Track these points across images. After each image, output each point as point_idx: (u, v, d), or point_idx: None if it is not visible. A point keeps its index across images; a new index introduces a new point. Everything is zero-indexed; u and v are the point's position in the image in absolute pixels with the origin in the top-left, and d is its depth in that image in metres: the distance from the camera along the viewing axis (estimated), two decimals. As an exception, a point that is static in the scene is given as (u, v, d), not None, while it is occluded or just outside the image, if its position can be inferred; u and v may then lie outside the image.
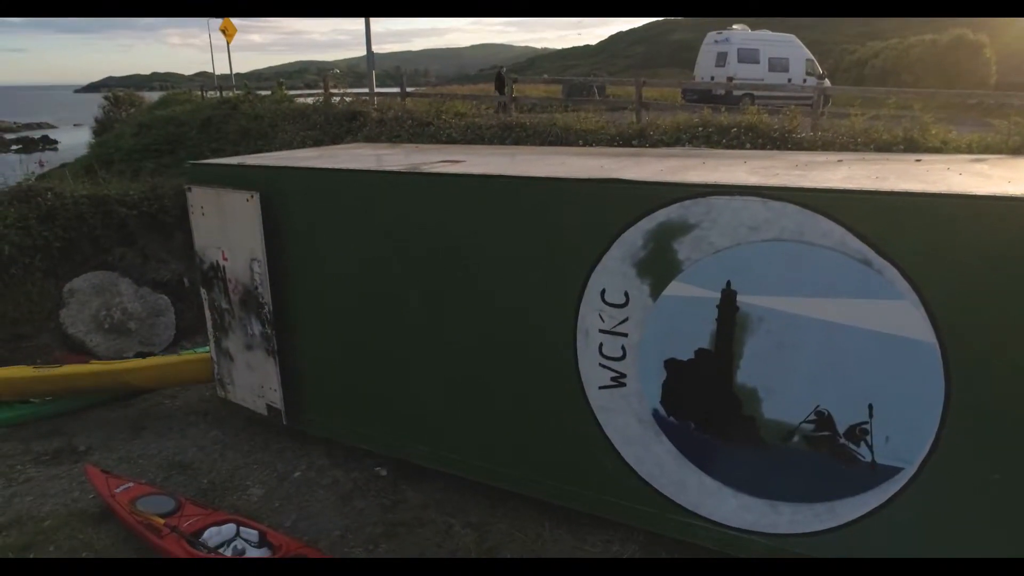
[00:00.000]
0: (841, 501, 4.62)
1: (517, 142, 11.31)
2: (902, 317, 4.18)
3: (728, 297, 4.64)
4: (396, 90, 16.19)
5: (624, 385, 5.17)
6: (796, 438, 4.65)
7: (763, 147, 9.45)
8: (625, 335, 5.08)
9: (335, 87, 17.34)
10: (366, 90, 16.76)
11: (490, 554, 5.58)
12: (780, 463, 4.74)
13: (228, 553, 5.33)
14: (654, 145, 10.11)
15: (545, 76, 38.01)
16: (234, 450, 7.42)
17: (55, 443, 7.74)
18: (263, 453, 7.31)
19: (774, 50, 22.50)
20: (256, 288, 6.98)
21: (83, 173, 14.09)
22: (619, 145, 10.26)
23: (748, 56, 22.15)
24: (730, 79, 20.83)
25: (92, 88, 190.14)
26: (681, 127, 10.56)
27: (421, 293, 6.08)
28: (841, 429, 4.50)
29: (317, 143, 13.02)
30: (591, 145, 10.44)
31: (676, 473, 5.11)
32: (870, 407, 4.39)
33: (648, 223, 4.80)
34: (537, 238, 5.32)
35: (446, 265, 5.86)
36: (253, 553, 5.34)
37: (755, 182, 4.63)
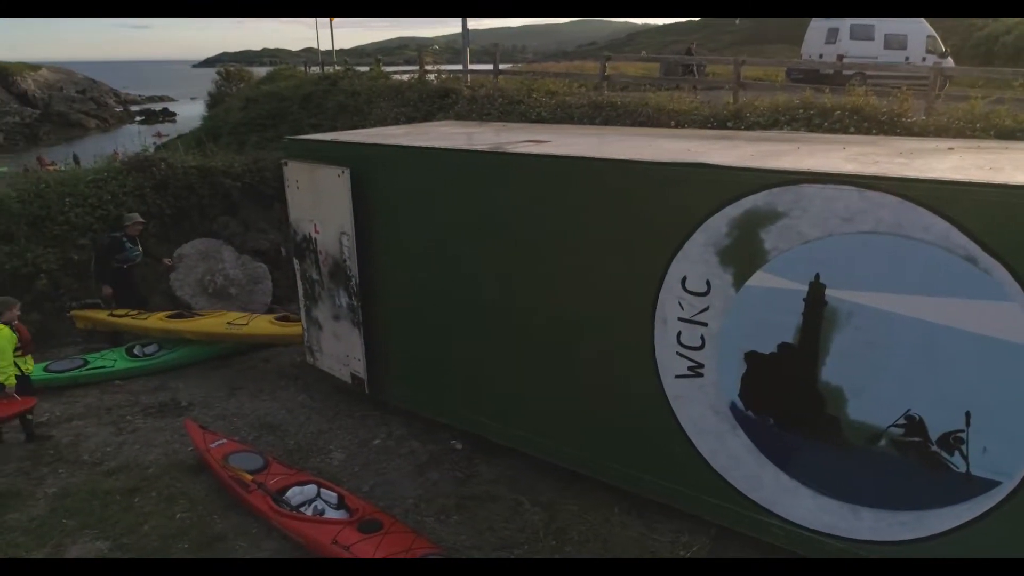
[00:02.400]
0: (930, 511, 4.37)
1: (607, 122, 11.12)
2: (1009, 320, 3.87)
3: (816, 290, 4.43)
4: (490, 67, 16.22)
5: (701, 375, 5.05)
6: (883, 442, 4.42)
7: (868, 132, 8.89)
8: (705, 324, 4.95)
9: (431, 64, 17.56)
10: (460, 67, 16.88)
11: (558, 535, 5.63)
12: (864, 466, 4.52)
13: (308, 512, 5.61)
14: (749, 128, 9.71)
15: (643, 53, 37.08)
16: (320, 415, 7.77)
17: (160, 397, 8.34)
18: (346, 419, 7.63)
19: (892, 25, 21.01)
20: (344, 261, 7.23)
21: (194, 145, 14.91)
22: (712, 127, 9.92)
23: (862, 32, 20.78)
24: (840, 57, 19.63)
25: (208, 63, 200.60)
26: (780, 109, 10.07)
27: (500, 272, 6.13)
28: (933, 436, 4.24)
29: (410, 120, 13.25)
30: (683, 126, 10.14)
31: (751, 468, 4.97)
32: (967, 415, 4.11)
33: (734, 210, 4.64)
34: (618, 222, 5.25)
35: (527, 245, 5.87)
36: (332, 515, 5.59)
37: (851, 170, 4.38)
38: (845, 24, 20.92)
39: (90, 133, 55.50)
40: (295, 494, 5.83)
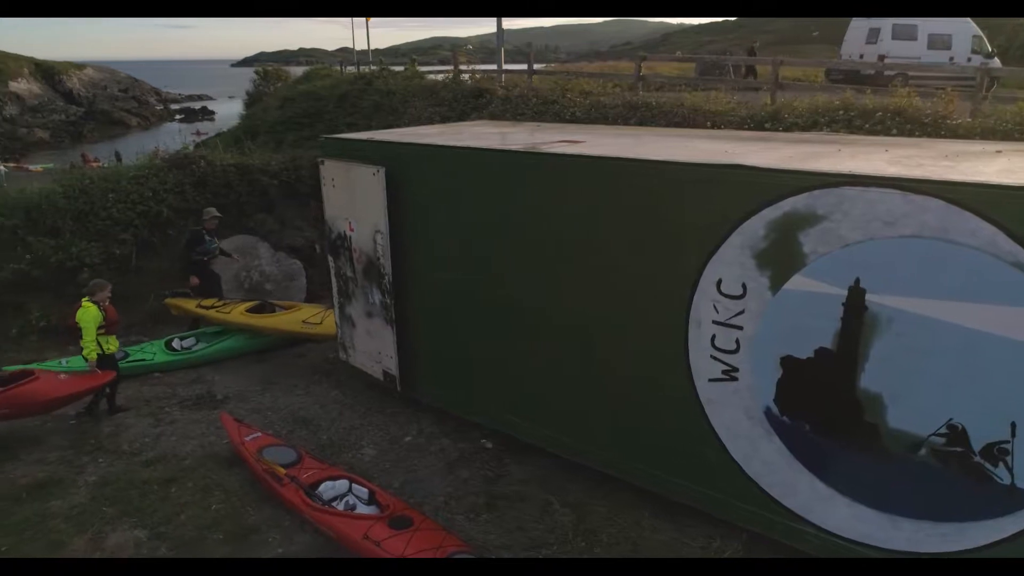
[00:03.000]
0: (972, 524, 4.26)
1: (642, 122, 11.04)
2: (1059, 329, 3.75)
3: (856, 295, 4.35)
4: (524, 67, 16.22)
5: (736, 379, 4.99)
6: (923, 451, 4.32)
7: (911, 134, 8.69)
8: (740, 328, 4.89)
9: (465, 63, 17.63)
10: (495, 67, 16.90)
11: (587, 536, 5.61)
12: (903, 476, 4.42)
13: (340, 507, 5.67)
14: (787, 129, 9.56)
15: (678, 53, 36.78)
16: (352, 411, 7.85)
17: (197, 390, 8.51)
18: (378, 416, 7.69)
19: (936, 25, 20.49)
20: (378, 259, 7.30)
21: (233, 143, 15.19)
22: (749, 128, 9.78)
23: (904, 32, 20.30)
24: (881, 57, 19.23)
25: (246, 62, 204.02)
26: (819, 110, 9.90)
27: (533, 272, 6.13)
28: (976, 446, 4.13)
29: (444, 119, 13.32)
30: (719, 127, 10.03)
31: (785, 474, 4.89)
32: (1012, 425, 4.00)
33: (772, 212, 4.57)
34: (653, 223, 5.21)
35: (559, 246, 5.86)
36: (363, 510, 5.65)
37: (895, 172, 4.29)
38: (887, 24, 20.46)
39: (132, 131, 56.83)
40: (327, 488, 5.90)
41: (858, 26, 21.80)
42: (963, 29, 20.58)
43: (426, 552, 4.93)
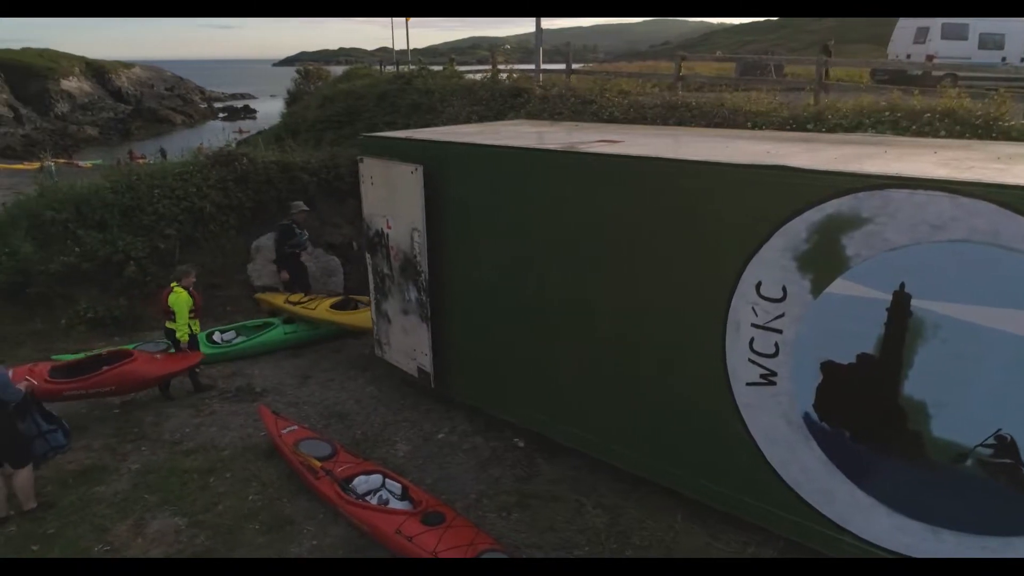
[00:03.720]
0: (1018, 538, 4.12)
1: (681, 122, 10.91)
2: (1116, 339, 3.61)
3: (901, 300, 4.24)
4: (562, 66, 16.18)
5: (774, 384, 4.91)
6: (969, 462, 4.20)
7: (960, 136, 8.44)
8: (779, 332, 4.81)
9: (503, 63, 17.64)
10: (533, 66, 16.88)
11: (620, 539, 5.58)
12: (947, 486, 4.31)
13: (373, 502, 5.73)
14: (831, 130, 9.36)
15: (718, 53, 36.33)
16: (386, 407, 7.93)
17: (237, 383, 8.68)
18: (411, 412, 7.75)
19: (988, 24, 19.86)
20: (415, 256, 7.35)
21: (274, 141, 15.44)
22: (791, 129, 9.59)
23: (954, 31, 19.72)
24: (930, 57, 18.72)
25: (287, 62, 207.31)
26: (864, 111, 9.66)
27: (569, 273, 6.11)
28: (1026, 458, 4.00)
29: (482, 118, 13.34)
30: (760, 128, 9.86)
31: (824, 482, 4.80)
32: (1065, 438, 3.86)
33: (814, 214, 4.49)
34: (691, 224, 5.15)
35: (596, 246, 5.83)
36: (396, 505, 5.70)
37: (944, 175, 4.17)
38: (936, 23, 19.91)
39: (177, 128, 58.19)
40: (361, 483, 5.97)
41: (906, 25, 21.26)
42: (1017, 29, 19.91)
43: (458, 549, 4.95)
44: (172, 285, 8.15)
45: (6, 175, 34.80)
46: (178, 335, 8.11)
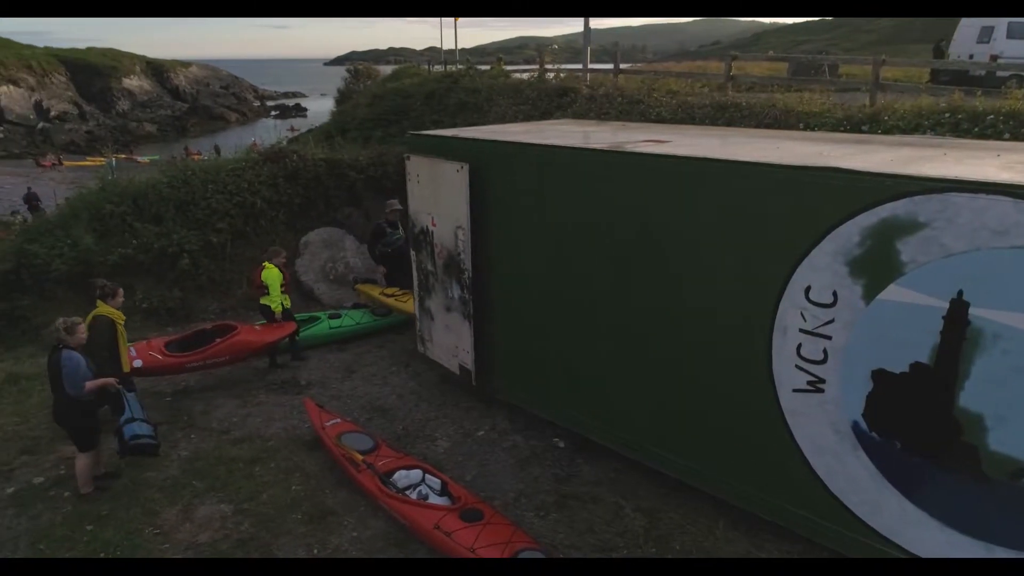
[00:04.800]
0: (1080, 559, 3.94)
1: (730, 123, 10.75)
2: None
3: (958, 308, 4.10)
4: (610, 66, 16.09)
5: (822, 391, 4.79)
6: (1028, 478, 4.03)
7: (1027, 138, 8.12)
8: (828, 338, 4.69)
9: (550, 63, 17.62)
10: (580, 66, 16.82)
11: (659, 543, 5.52)
12: (1004, 503, 4.14)
13: (413, 496, 5.78)
14: (888, 132, 9.10)
15: (770, 53, 35.61)
16: (427, 402, 8.00)
17: (283, 375, 8.86)
18: (452, 409, 7.81)
19: (1058, 23, 18.97)
20: (459, 254, 7.40)
21: (323, 138, 15.71)
22: (846, 130, 9.36)
23: (1021, 31, 18.95)
24: (994, 57, 18.02)
25: (338, 61, 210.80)
26: (923, 112, 9.37)
27: (613, 273, 6.07)
28: (1090, 476, 3.82)
29: (528, 118, 13.36)
30: (813, 129, 9.64)
31: (872, 493, 4.66)
32: None
33: (868, 218, 4.36)
34: (739, 226, 5.06)
35: (641, 247, 5.78)
36: (435, 500, 5.74)
37: (1007, 179, 4.01)
38: (1001, 23, 19.14)
39: (230, 126, 59.78)
40: (401, 477, 6.04)
41: (969, 25, 20.49)
42: (1089, 28, 19.01)
43: (495, 547, 4.97)
44: (264, 263, 9.01)
45: (70, 168, 36.30)
46: (272, 307, 8.93)
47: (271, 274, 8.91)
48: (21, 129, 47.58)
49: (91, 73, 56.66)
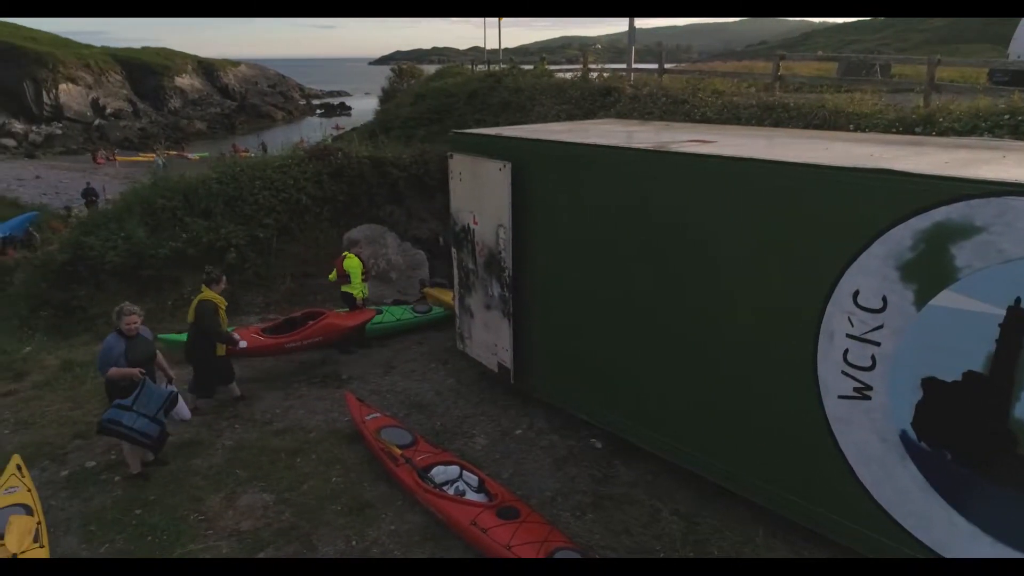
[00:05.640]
0: None
1: (777, 124, 10.56)
2: None
3: (1016, 316, 3.96)
4: (654, 66, 15.95)
5: (869, 398, 4.68)
6: (1088, 494, 3.87)
7: (1092, 141, 7.79)
8: (877, 344, 4.57)
9: (593, 62, 17.55)
10: (624, 65, 16.71)
11: (697, 548, 5.46)
12: (1061, 519, 3.99)
13: (450, 492, 5.82)
14: (943, 133, 8.83)
15: (819, 52, 34.85)
16: (465, 400, 8.04)
17: (325, 370, 9.01)
18: (490, 407, 7.83)
19: None
20: (500, 252, 7.42)
21: (367, 137, 15.94)
22: (898, 132, 9.11)
23: (1086, 30, 18.17)
24: (1057, 58, 17.31)
25: (383, 61, 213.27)
26: (980, 114, 9.06)
27: (654, 274, 6.02)
28: None
29: (570, 117, 13.32)
30: (864, 131, 9.40)
31: (920, 505, 4.53)
32: None
33: (921, 222, 4.24)
34: (786, 228, 4.97)
35: (684, 247, 5.72)
36: (472, 497, 5.77)
37: (1071, 183, 3.86)
38: (1066, 21, 18.36)
39: (277, 124, 60.91)
40: (439, 472, 6.08)
41: (1031, 22, 19.72)
42: None
43: (531, 545, 4.97)
44: (345, 253, 9.62)
45: (122, 164, 37.45)
46: (355, 294, 9.51)
47: (353, 263, 9.47)
48: (79, 126, 49.24)
49: (145, 72, 58.30)
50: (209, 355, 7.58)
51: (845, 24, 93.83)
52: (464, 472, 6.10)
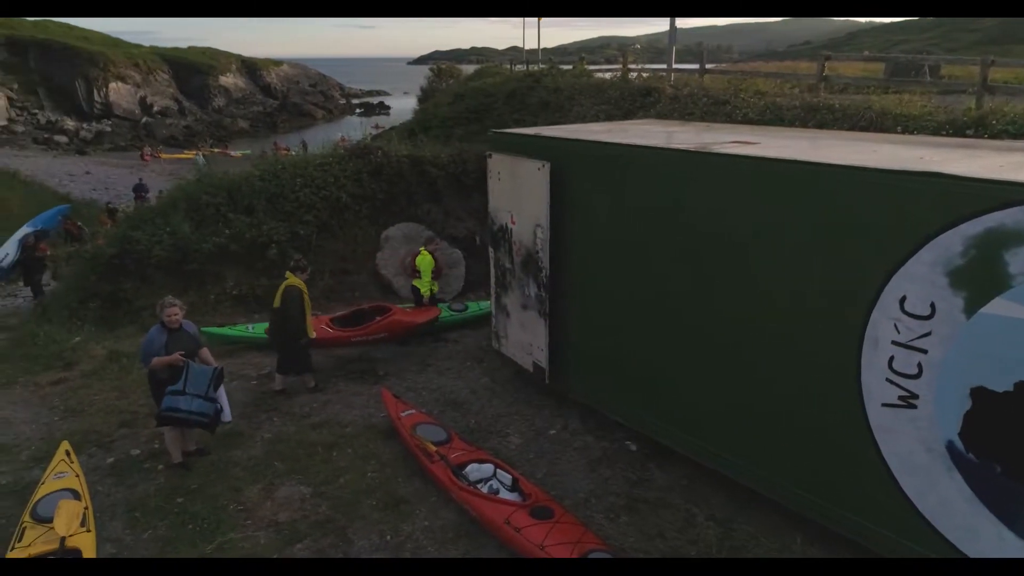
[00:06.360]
0: None
1: (821, 125, 10.35)
2: None
3: (1072, 326, 3.82)
4: (695, 66, 15.78)
5: (914, 407, 4.56)
6: None
7: None
8: (924, 351, 4.46)
9: (633, 62, 17.43)
10: (664, 66, 16.57)
11: (733, 554, 5.39)
12: (1117, 538, 3.84)
13: (484, 490, 5.84)
14: (996, 136, 8.56)
15: (866, 53, 34.07)
16: (500, 399, 8.06)
17: (362, 366, 9.12)
18: (524, 407, 7.84)
19: None
20: (537, 252, 7.42)
21: (406, 136, 16.07)
22: (948, 134, 8.87)
23: None
24: (1118, 59, 16.67)
25: (421, 60, 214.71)
26: (1036, 116, 8.79)
27: (692, 276, 5.96)
28: None
29: (609, 117, 13.25)
30: (912, 133, 9.18)
31: (966, 518, 4.40)
32: None
33: (972, 227, 4.13)
34: (830, 232, 4.87)
35: (724, 250, 5.65)
36: (506, 495, 5.79)
37: None
38: None
39: (317, 123, 61.76)
40: (473, 470, 6.11)
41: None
42: None
43: (565, 546, 4.96)
44: (421, 249, 9.89)
45: (167, 161, 38.40)
46: (422, 291, 9.83)
47: (424, 260, 9.79)
48: (127, 123, 50.58)
49: (191, 71, 59.63)
50: (296, 337, 7.98)
51: (892, 24, 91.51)
52: (498, 471, 6.12)
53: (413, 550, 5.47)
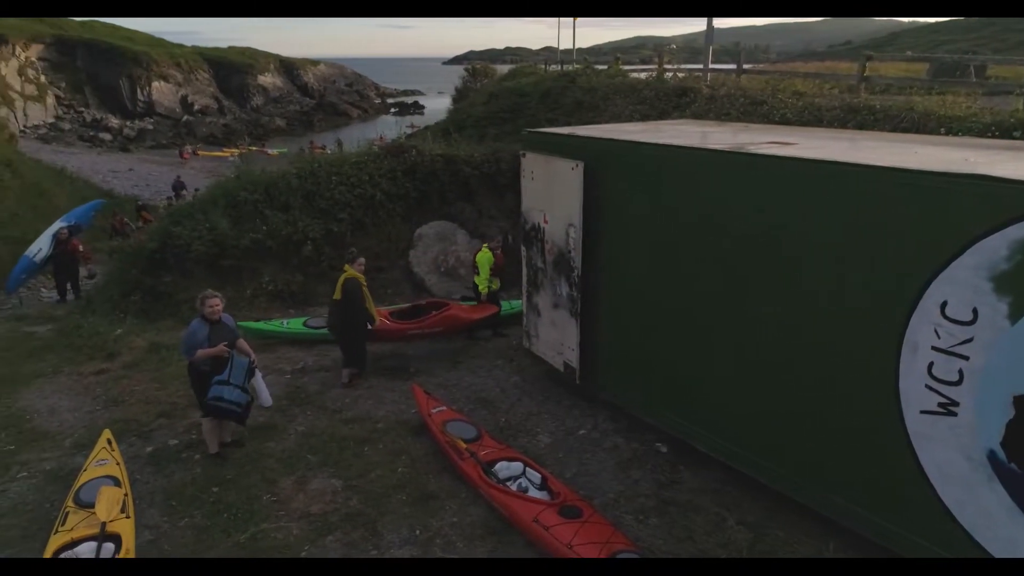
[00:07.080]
0: None
1: (862, 126, 10.15)
2: None
3: (1122, 334, 3.70)
4: (732, 66, 15.61)
5: (954, 415, 4.46)
6: None
7: None
8: (965, 358, 4.35)
9: (669, 62, 17.31)
10: (700, 66, 16.42)
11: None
12: None
13: (514, 488, 5.86)
14: (1044, 139, 8.32)
15: (908, 53, 33.32)
16: (530, 397, 8.08)
17: (393, 362, 9.20)
18: (554, 406, 7.84)
19: None
20: (569, 252, 7.41)
21: (440, 135, 16.16)
22: (994, 136, 8.63)
23: None
24: None
25: (456, 60, 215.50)
26: (1087, 118, 8.51)
27: (727, 278, 5.89)
28: None
29: (644, 117, 13.17)
30: (956, 135, 8.96)
31: (1008, 529, 4.29)
32: None
33: (1019, 231, 4.02)
34: (870, 234, 4.79)
35: (759, 252, 5.58)
36: (535, 494, 5.80)
37: None
38: None
39: (352, 122, 62.48)
40: (503, 468, 6.13)
41: None
42: None
43: (593, 546, 4.96)
44: (484, 246, 9.95)
45: (205, 159, 39.21)
46: (480, 288, 9.84)
47: (484, 256, 9.80)
48: (168, 121, 51.78)
49: (230, 70, 60.77)
50: (359, 329, 8.23)
51: (936, 24, 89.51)
52: (527, 469, 6.14)
53: (442, 545, 5.51)
